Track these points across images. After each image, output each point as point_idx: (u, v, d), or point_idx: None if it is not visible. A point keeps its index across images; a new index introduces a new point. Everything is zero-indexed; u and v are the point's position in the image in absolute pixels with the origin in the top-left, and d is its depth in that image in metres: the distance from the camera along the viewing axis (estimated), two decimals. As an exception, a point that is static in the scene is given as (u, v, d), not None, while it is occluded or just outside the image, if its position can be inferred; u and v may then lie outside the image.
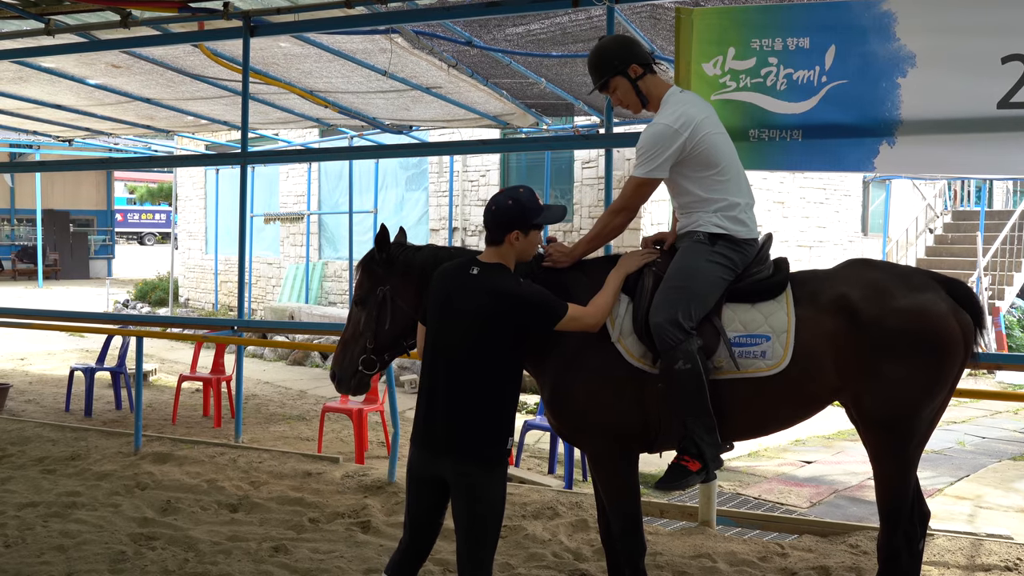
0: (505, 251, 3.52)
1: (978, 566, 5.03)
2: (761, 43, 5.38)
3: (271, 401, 10.73)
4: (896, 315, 3.71)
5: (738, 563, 4.98)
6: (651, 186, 3.98)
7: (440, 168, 15.04)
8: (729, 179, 3.97)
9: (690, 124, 3.83)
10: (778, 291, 3.86)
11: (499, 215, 3.50)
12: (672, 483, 3.75)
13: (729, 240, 3.90)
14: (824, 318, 3.76)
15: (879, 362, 3.70)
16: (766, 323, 3.78)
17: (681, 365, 3.62)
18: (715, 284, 3.84)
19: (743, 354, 3.75)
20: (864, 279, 3.85)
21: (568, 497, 6.12)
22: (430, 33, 7.94)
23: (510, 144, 12.58)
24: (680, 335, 3.65)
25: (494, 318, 3.40)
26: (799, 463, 8.18)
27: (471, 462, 3.36)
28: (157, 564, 4.86)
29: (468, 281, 3.47)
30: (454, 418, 3.38)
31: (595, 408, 3.83)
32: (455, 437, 3.37)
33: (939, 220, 17.77)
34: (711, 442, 3.69)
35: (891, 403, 3.72)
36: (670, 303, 3.72)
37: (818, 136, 5.33)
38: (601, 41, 4.25)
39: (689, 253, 3.90)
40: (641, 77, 3.99)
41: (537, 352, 3.93)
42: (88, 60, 9.19)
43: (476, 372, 3.39)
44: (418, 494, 3.51)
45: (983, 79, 4.99)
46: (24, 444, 7.55)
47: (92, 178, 32.27)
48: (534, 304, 3.47)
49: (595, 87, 4.09)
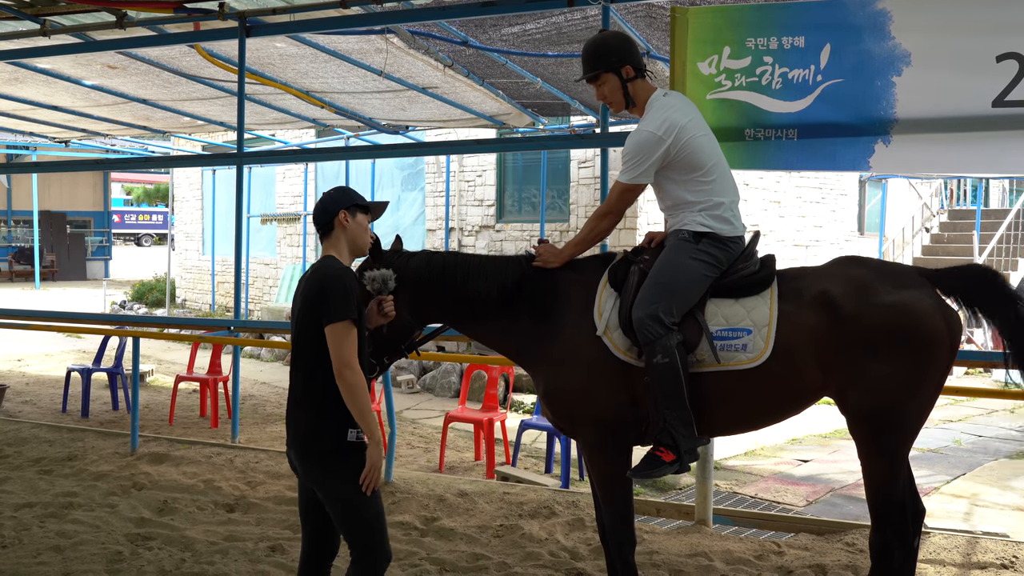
0: (336, 237, 3.49)
1: (974, 564, 5.04)
2: (756, 42, 5.38)
3: (268, 401, 10.73)
4: (876, 311, 3.76)
5: (734, 561, 4.98)
6: (636, 191, 4.12)
7: (437, 168, 15.03)
8: (714, 179, 4.07)
9: (673, 130, 3.96)
10: (763, 287, 3.94)
11: (324, 202, 3.50)
12: (645, 472, 3.87)
13: (713, 238, 4.00)
14: (806, 313, 3.83)
15: (860, 358, 3.76)
16: (748, 317, 3.86)
17: (660, 359, 3.73)
18: (698, 281, 3.94)
19: (724, 347, 3.85)
20: (849, 276, 3.91)
21: (565, 496, 6.13)
22: (426, 33, 7.94)
23: (506, 144, 12.57)
24: (660, 330, 3.75)
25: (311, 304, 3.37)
26: (795, 462, 8.19)
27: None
28: (154, 564, 4.86)
29: (304, 279, 3.47)
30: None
31: (587, 400, 3.94)
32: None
33: (935, 219, 17.78)
34: (686, 435, 3.79)
35: (875, 399, 3.76)
36: (652, 299, 3.83)
37: (813, 135, 5.33)
38: (603, 33, 4.34)
39: (673, 251, 4.02)
40: (632, 80, 4.11)
41: (531, 346, 4.05)
42: (84, 61, 9.18)
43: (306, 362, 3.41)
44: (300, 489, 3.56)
45: (978, 77, 4.99)
46: (21, 445, 7.55)
47: (89, 179, 32.23)
48: (327, 290, 3.32)
49: (584, 76, 4.16)
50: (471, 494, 6.15)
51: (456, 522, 5.63)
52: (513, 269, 4.11)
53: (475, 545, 5.24)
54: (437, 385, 11.50)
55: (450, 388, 11.35)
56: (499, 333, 4.17)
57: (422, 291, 4.03)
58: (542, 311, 4.05)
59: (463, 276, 4.05)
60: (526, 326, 4.06)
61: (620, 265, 4.06)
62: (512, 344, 4.18)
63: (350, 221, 3.48)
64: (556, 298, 4.05)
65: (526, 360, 4.16)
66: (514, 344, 4.16)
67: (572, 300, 4.03)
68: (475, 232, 14.42)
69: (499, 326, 4.12)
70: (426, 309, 4.10)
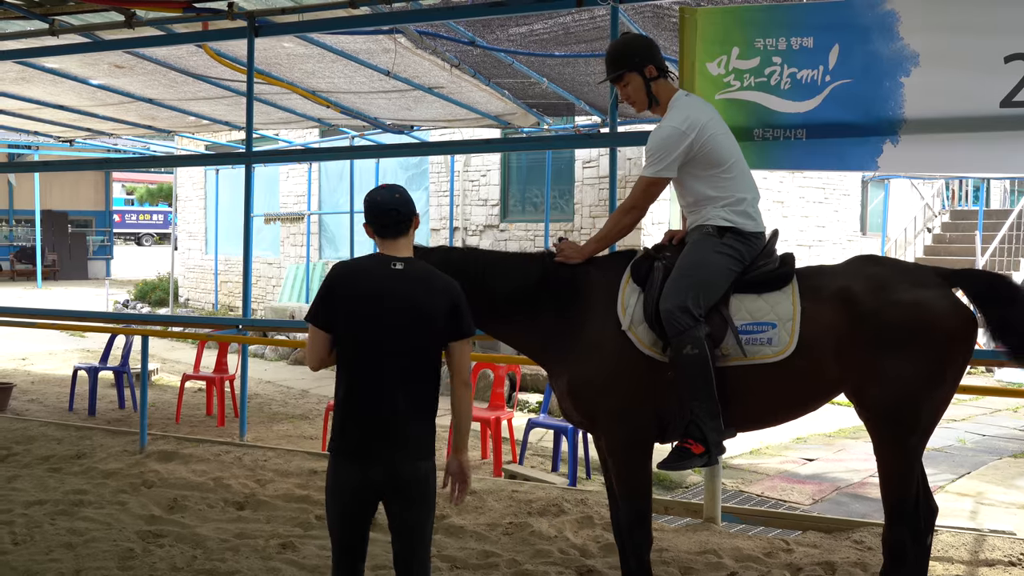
0: (412, 237, 3.43)
1: (981, 561, 5.07)
2: (765, 42, 5.41)
3: (273, 400, 10.74)
4: (895, 308, 3.81)
5: (744, 559, 5.01)
6: (660, 185, 4.17)
7: (441, 168, 15.07)
8: (735, 176, 4.14)
9: (696, 126, 4.03)
10: (784, 282, 4.00)
11: (406, 197, 3.39)
12: (675, 464, 3.90)
13: (737, 233, 4.06)
14: (826, 309, 3.88)
15: (878, 354, 3.80)
16: (772, 312, 3.91)
17: (689, 350, 3.76)
18: (723, 274, 3.99)
19: (750, 341, 3.89)
20: (867, 273, 3.98)
21: (573, 494, 6.15)
22: (433, 33, 7.98)
23: (511, 143, 12.60)
24: (689, 321, 3.78)
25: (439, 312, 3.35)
26: (801, 461, 8.21)
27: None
28: (166, 561, 4.88)
29: (396, 275, 3.33)
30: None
31: (611, 395, 3.97)
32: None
33: (937, 219, 17.82)
34: (714, 427, 3.82)
35: (891, 395, 3.81)
36: (680, 291, 3.86)
37: (822, 135, 5.37)
38: (626, 36, 4.44)
39: (698, 245, 4.06)
40: (655, 79, 4.18)
41: (554, 343, 4.07)
42: (91, 60, 9.21)
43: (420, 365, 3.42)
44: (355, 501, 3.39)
45: (986, 78, 5.02)
46: (29, 443, 7.57)
47: (91, 179, 32.22)
48: (461, 307, 3.36)
49: (608, 77, 4.23)
50: (480, 492, 6.17)
51: (466, 520, 5.65)
52: (536, 266, 4.13)
53: (485, 543, 5.27)
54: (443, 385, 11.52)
55: (456, 388, 11.36)
56: (521, 330, 4.18)
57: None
58: (565, 308, 4.06)
59: (485, 273, 4.04)
60: (549, 323, 4.07)
61: (642, 261, 4.09)
62: (535, 341, 4.18)
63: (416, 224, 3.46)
64: (579, 294, 4.07)
65: (549, 357, 4.16)
66: (537, 341, 4.17)
67: (595, 296, 4.05)
68: (479, 232, 14.44)
69: (521, 323, 4.13)
70: None
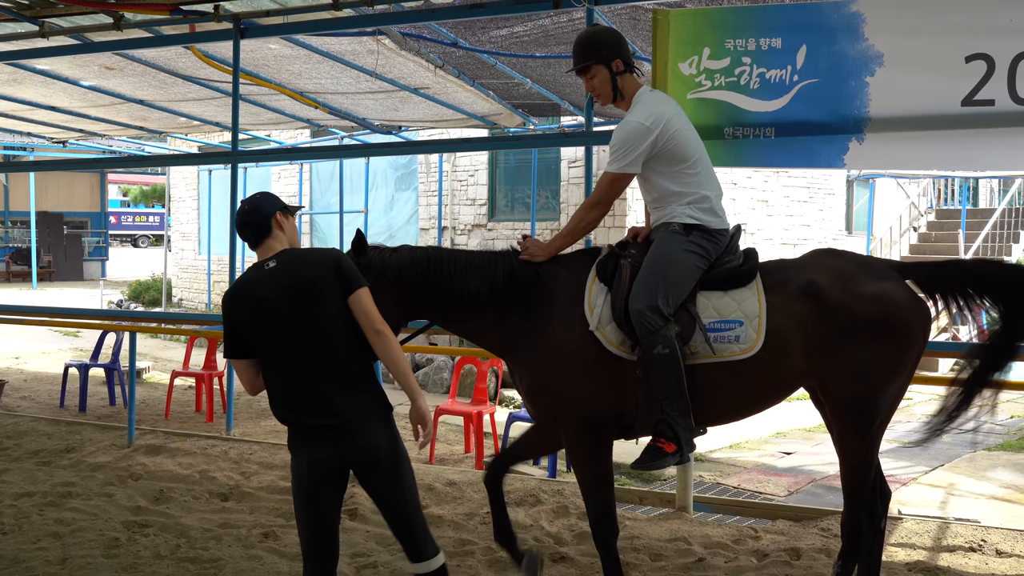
0: (277, 238, 3.52)
1: (944, 547, 5.21)
2: (735, 43, 5.55)
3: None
4: (861, 300, 3.91)
5: (712, 546, 5.15)
6: (624, 181, 4.14)
7: (429, 168, 15.20)
8: (699, 172, 4.14)
9: (661, 121, 4.02)
10: (749, 279, 4.04)
11: (255, 204, 3.53)
12: (648, 463, 3.90)
13: (703, 230, 4.07)
14: (794, 303, 3.95)
15: (845, 345, 3.90)
16: (739, 309, 3.95)
17: (660, 350, 3.78)
18: (690, 272, 4.00)
19: (718, 339, 3.92)
20: (830, 267, 4.05)
21: (550, 485, 6.28)
22: (416, 35, 8.10)
23: (496, 142, 12.72)
24: (660, 321, 3.80)
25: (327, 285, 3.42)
26: (779, 454, 8.35)
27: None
28: (150, 549, 5.00)
29: (273, 275, 3.43)
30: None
31: (574, 395, 3.98)
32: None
33: (923, 218, 17.96)
34: (686, 425, 3.86)
35: (856, 385, 3.92)
36: (649, 290, 3.87)
37: (790, 133, 5.51)
38: (595, 28, 4.41)
39: (665, 243, 4.05)
40: (621, 73, 4.14)
41: (519, 342, 4.07)
42: (82, 62, 9.34)
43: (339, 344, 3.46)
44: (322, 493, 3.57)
45: (948, 77, 5.18)
46: (20, 438, 7.70)
47: (86, 180, 32.32)
48: (340, 264, 3.44)
49: (574, 67, 4.19)
50: (459, 483, 6.30)
51: (444, 510, 5.78)
52: (501, 264, 4.09)
53: (462, 531, 5.39)
54: (430, 382, 11.64)
55: (442, 384, 11.49)
56: (485, 328, 4.15)
57: (405, 287, 4.01)
58: (530, 306, 4.04)
59: (449, 272, 4.03)
60: (514, 321, 4.05)
61: (608, 260, 4.08)
62: (499, 340, 4.15)
63: (284, 222, 3.55)
64: (544, 293, 4.04)
65: (513, 356, 4.15)
66: (501, 340, 4.14)
67: (560, 295, 4.03)
68: (468, 231, 14.58)
69: (486, 322, 4.10)
70: (410, 305, 4.07)
